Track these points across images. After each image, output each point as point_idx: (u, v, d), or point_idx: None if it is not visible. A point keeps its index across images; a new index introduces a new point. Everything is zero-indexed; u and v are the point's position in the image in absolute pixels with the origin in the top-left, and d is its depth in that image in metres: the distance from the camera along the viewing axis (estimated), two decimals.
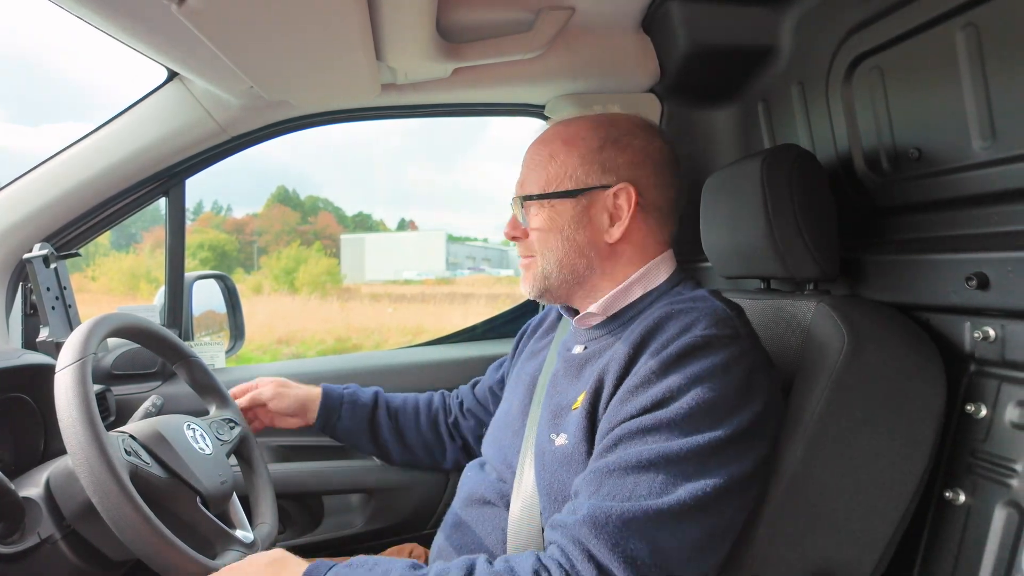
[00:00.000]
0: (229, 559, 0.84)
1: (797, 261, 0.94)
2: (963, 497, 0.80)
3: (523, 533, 0.85)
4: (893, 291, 0.94)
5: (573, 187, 0.90)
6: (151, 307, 1.50)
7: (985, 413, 0.80)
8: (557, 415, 0.88)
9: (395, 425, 1.24)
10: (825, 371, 0.81)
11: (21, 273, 1.31)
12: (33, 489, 0.86)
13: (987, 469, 0.79)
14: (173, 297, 1.46)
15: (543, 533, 0.82)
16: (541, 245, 0.93)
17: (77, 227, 1.34)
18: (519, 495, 0.88)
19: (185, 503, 0.87)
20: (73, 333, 0.86)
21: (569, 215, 0.90)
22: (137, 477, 0.82)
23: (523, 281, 0.97)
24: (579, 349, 0.94)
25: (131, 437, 0.88)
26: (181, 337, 1.47)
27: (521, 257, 0.97)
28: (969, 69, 0.82)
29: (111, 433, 0.84)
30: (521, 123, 1.62)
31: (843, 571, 0.79)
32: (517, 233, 0.96)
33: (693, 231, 1.14)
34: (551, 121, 0.98)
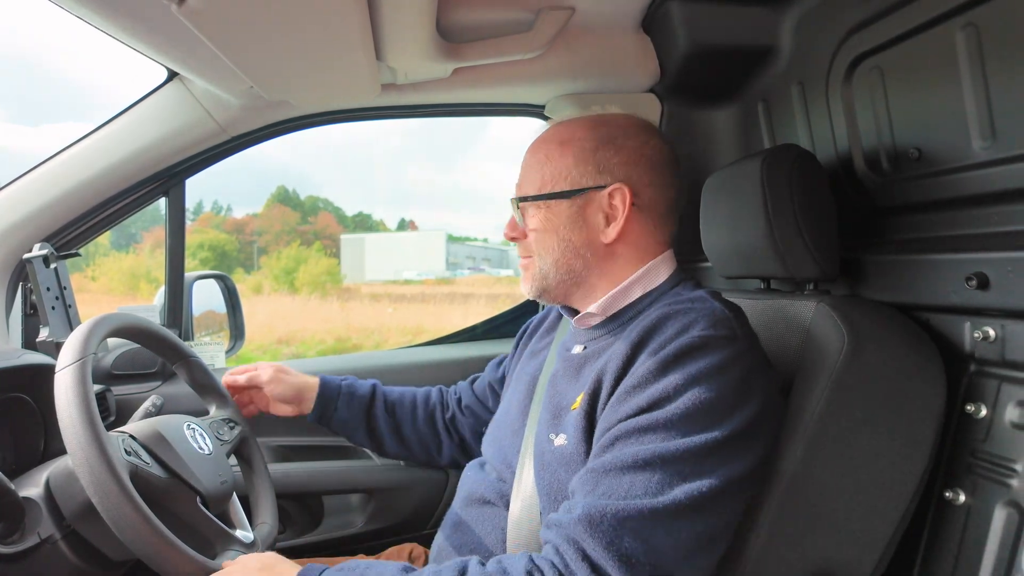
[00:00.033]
0: (229, 559, 0.84)
1: (797, 261, 0.94)
2: (963, 497, 0.80)
3: (523, 533, 0.85)
4: (893, 291, 0.94)
5: (568, 188, 0.90)
6: (151, 307, 1.51)
7: (985, 413, 0.80)
8: (556, 415, 0.88)
9: (392, 419, 1.23)
10: (825, 371, 0.81)
11: (21, 273, 1.31)
12: (33, 489, 0.86)
13: (987, 469, 0.79)
14: (173, 297, 1.46)
15: None
16: (538, 246, 0.93)
17: (77, 227, 1.34)
18: (519, 495, 0.88)
19: (185, 503, 0.87)
20: (73, 333, 0.86)
21: (564, 216, 0.90)
22: (137, 477, 0.82)
23: (522, 281, 0.98)
24: (578, 349, 0.94)
25: (131, 437, 0.88)
26: (181, 337, 1.47)
27: (520, 257, 0.98)
28: (969, 69, 0.82)
29: (111, 433, 0.84)
30: (521, 123, 1.62)
31: (843, 571, 0.79)
32: (516, 234, 0.96)
33: (693, 231, 1.14)
34: (550, 122, 0.98)
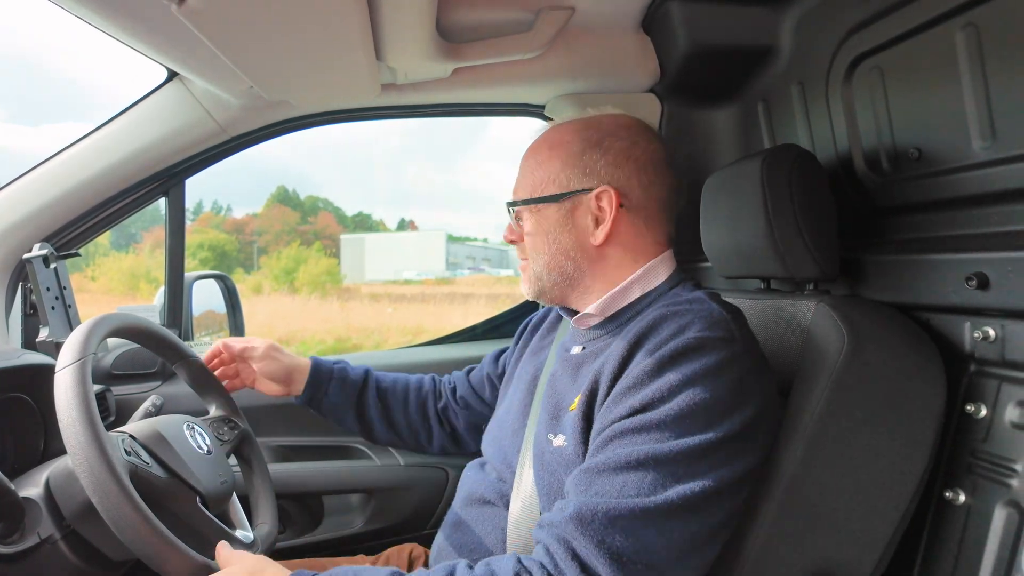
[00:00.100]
0: None
1: (797, 261, 0.94)
2: (963, 497, 0.80)
3: (523, 533, 0.85)
4: (893, 291, 0.94)
5: (556, 192, 0.91)
6: (151, 307, 1.51)
7: (985, 413, 0.80)
8: (555, 416, 0.88)
9: (382, 406, 1.23)
10: (825, 371, 0.81)
11: (21, 273, 1.31)
12: (33, 489, 0.85)
13: (987, 469, 0.79)
14: (173, 297, 1.46)
15: None
16: (531, 249, 0.95)
17: (77, 227, 1.34)
18: (519, 495, 0.88)
19: (185, 503, 0.87)
20: (73, 333, 0.85)
21: (554, 219, 0.92)
22: (137, 477, 0.81)
23: (521, 283, 0.99)
24: (577, 350, 0.94)
25: (131, 437, 0.88)
26: (181, 337, 1.47)
27: (520, 260, 0.99)
28: (969, 69, 0.82)
29: (111, 433, 0.84)
30: (521, 123, 1.62)
31: (843, 571, 0.79)
32: (514, 237, 0.98)
33: (693, 231, 1.14)
34: (549, 123, 0.99)
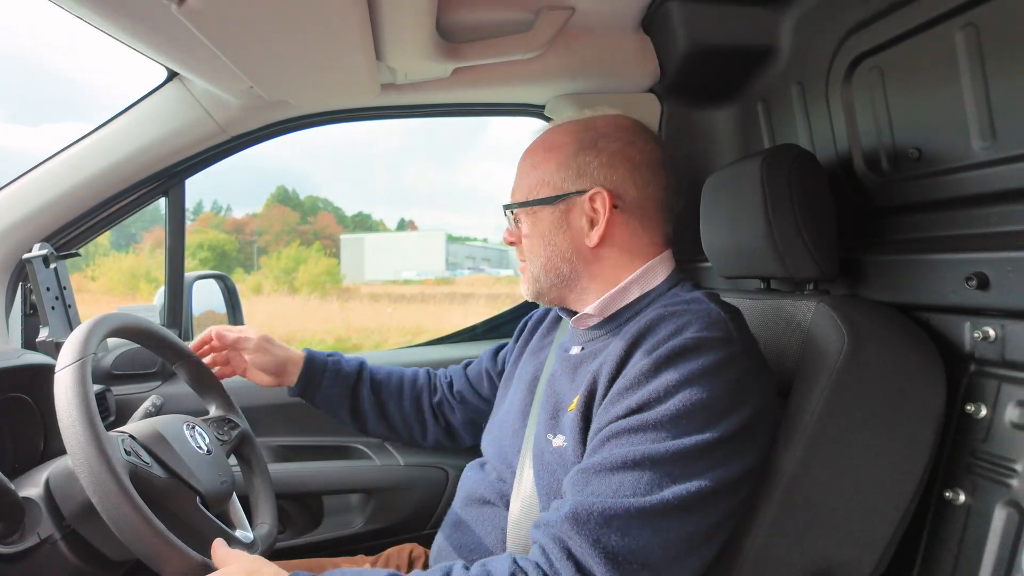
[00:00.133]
0: None
1: (797, 261, 0.94)
2: (963, 497, 0.80)
3: (522, 533, 0.85)
4: (893, 291, 0.94)
5: (551, 194, 0.91)
6: (151, 307, 1.51)
7: (985, 413, 0.80)
8: (554, 416, 0.88)
9: (376, 399, 1.23)
10: (825, 371, 0.81)
11: (21, 273, 1.31)
12: (33, 489, 0.85)
13: (987, 469, 0.79)
14: (173, 297, 1.46)
15: None
16: (528, 251, 0.95)
17: (77, 227, 1.34)
18: (519, 495, 0.88)
19: (185, 503, 0.87)
20: (73, 333, 0.85)
21: (549, 221, 0.92)
22: (137, 477, 0.81)
23: (520, 284, 0.99)
24: (576, 350, 0.94)
25: (131, 437, 0.88)
26: (181, 337, 1.47)
27: (519, 261, 0.99)
28: (969, 69, 0.82)
29: (111, 433, 0.84)
30: (521, 123, 1.62)
31: (843, 571, 0.79)
32: (513, 239, 0.98)
33: (693, 231, 1.14)
34: (546, 125, 0.99)
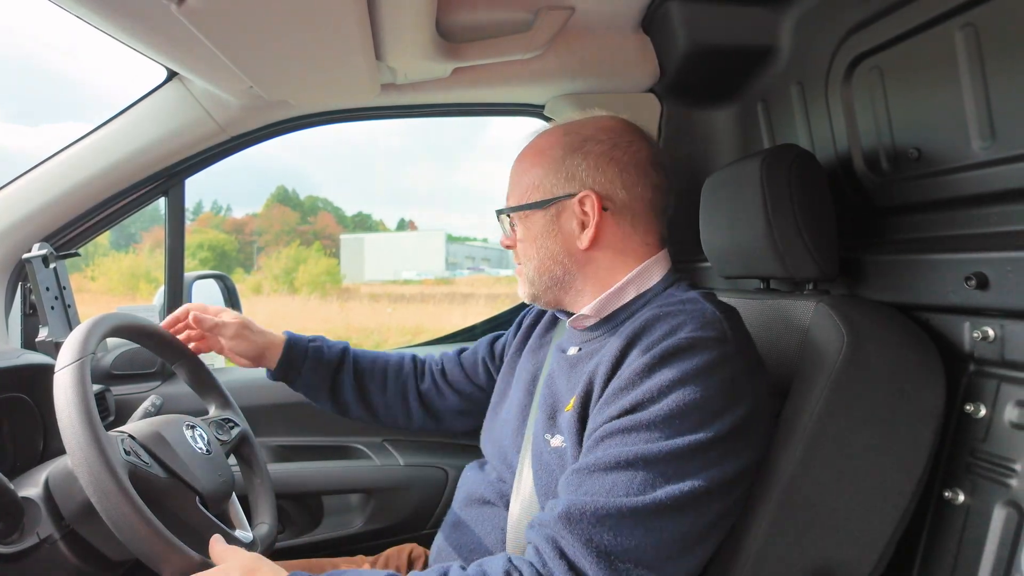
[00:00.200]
0: None
1: (796, 261, 0.94)
2: (962, 497, 0.80)
3: (522, 534, 0.85)
4: (892, 291, 0.94)
5: (541, 198, 0.92)
6: (151, 307, 1.51)
7: (984, 413, 0.80)
8: (552, 416, 0.88)
9: (358, 385, 1.21)
10: (824, 371, 0.81)
11: (20, 273, 1.31)
12: (32, 489, 0.85)
13: (986, 469, 0.79)
14: (172, 297, 1.46)
15: None
16: (522, 255, 0.95)
17: (76, 227, 1.34)
18: (518, 495, 0.88)
19: (184, 503, 0.87)
20: (72, 333, 0.85)
21: (540, 225, 0.92)
22: (136, 477, 0.81)
23: (518, 287, 0.99)
24: (573, 351, 0.94)
25: (130, 437, 0.88)
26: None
27: (516, 264, 0.99)
28: (968, 69, 0.82)
29: (110, 433, 0.84)
30: (521, 123, 1.62)
31: (842, 570, 0.79)
32: (509, 243, 0.98)
33: (693, 231, 1.14)
34: (538, 129, 0.98)
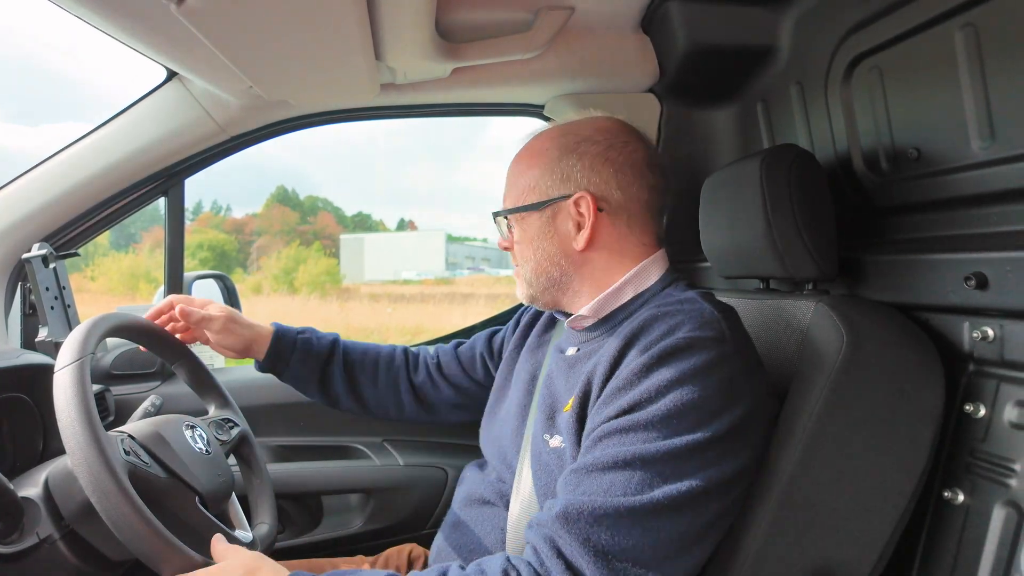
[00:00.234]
0: None
1: (796, 261, 0.94)
2: (962, 497, 0.80)
3: (522, 534, 0.85)
4: (892, 291, 0.94)
5: (537, 200, 0.92)
6: (150, 307, 1.50)
7: (984, 413, 0.80)
8: (551, 417, 0.88)
9: (348, 376, 1.20)
10: (824, 371, 0.81)
11: (20, 273, 1.31)
12: (32, 489, 0.85)
13: (986, 469, 0.79)
14: None
15: None
16: (519, 256, 0.95)
17: (76, 227, 1.34)
18: (518, 496, 0.88)
19: (184, 503, 0.87)
20: (72, 333, 0.85)
21: (536, 227, 0.92)
22: (136, 477, 0.81)
23: (516, 288, 1.00)
24: (572, 351, 0.94)
25: (130, 437, 0.88)
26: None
27: (514, 265, 0.99)
28: (968, 69, 0.82)
29: (110, 433, 0.84)
30: (521, 123, 1.62)
31: (842, 570, 0.79)
32: (507, 244, 0.99)
33: (693, 231, 1.14)
34: (534, 131, 0.98)
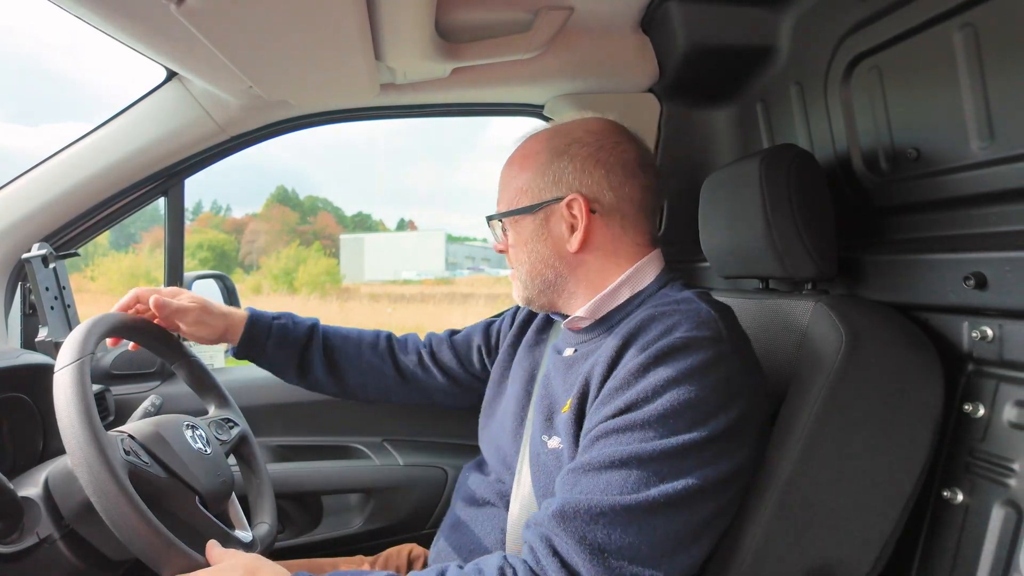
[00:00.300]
0: None
1: (795, 261, 0.94)
2: (961, 496, 0.80)
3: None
4: (891, 291, 0.94)
5: (530, 203, 0.92)
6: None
7: (983, 412, 0.80)
8: (549, 418, 0.89)
9: (329, 360, 1.20)
10: (823, 371, 0.81)
11: (20, 273, 1.31)
12: (32, 489, 0.85)
13: (985, 468, 0.79)
14: None
15: None
16: (514, 259, 0.96)
17: (76, 227, 1.34)
18: (518, 496, 0.89)
19: (184, 503, 0.87)
20: (72, 333, 0.85)
21: (530, 230, 0.92)
22: (136, 477, 0.81)
23: (513, 291, 1.00)
24: (569, 352, 0.94)
25: (130, 437, 0.88)
26: (180, 337, 1.47)
27: (510, 268, 1.00)
28: (967, 69, 0.82)
29: (110, 433, 0.84)
30: (521, 123, 1.62)
31: (841, 570, 0.79)
32: (502, 247, 0.99)
33: (692, 231, 1.14)
34: (526, 134, 0.98)
